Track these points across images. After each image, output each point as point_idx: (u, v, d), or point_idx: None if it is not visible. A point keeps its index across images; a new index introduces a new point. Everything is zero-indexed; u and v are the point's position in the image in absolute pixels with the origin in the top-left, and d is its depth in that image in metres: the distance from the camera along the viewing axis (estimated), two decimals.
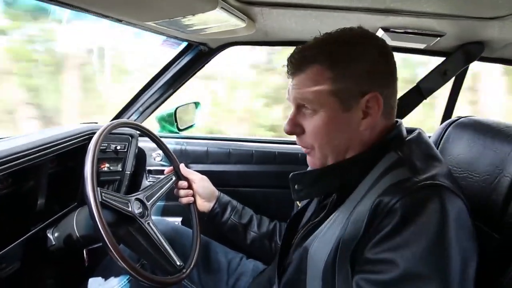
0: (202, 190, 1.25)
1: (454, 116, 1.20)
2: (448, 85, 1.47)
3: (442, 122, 1.19)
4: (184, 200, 1.24)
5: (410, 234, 0.64)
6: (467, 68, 1.42)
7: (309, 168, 0.91)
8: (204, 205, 1.25)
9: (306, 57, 0.78)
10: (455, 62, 1.32)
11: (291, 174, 0.88)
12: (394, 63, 0.81)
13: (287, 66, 0.81)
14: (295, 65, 0.80)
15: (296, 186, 0.86)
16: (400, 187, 0.69)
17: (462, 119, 1.09)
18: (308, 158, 0.87)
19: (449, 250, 0.64)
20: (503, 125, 0.93)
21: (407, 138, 0.81)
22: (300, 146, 0.87)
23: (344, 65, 0.76)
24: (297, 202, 1.13)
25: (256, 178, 1.56)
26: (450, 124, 1.09)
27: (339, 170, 0.82)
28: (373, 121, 0.78)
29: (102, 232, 0.88)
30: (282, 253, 0.99)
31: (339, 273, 0.73)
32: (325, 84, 0.77)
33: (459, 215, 0.68)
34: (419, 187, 0.68)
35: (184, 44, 1.47)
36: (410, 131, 0.85)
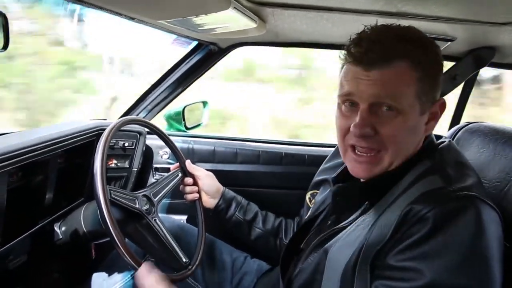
0: (207, 187, 1.25)
1: (463, 121, 1.19)
2: (457, 90, 1.46)
3: (451, 127, 1.19)
4: (190, 197, 1.24)
5: (441, 244, 0.63)
6: (477, 73, 1.42)
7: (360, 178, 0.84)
8: (209, 201, 1.25)
9: (394, 50, 0.71)
10: (465, 67, 1.31)
11: (336, 187, 0.85)
12: None
13: (361, 54, 0.72)
14: (379, 56, 0.70)
15: (337, 199, 0.85)
16: (433, 196, 0.67)
17: (471, 124, 1.08)
18: (365, 166, 0.77)
19: (484, 264, 0.62)
20: None
21: (439, 146, 0.79)
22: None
23: (427, 67, 0.72)
24: (309, 203, 1.13)
25: (262, 178, 1.56)
26: (459, 129, 1.09)
27: (382, 180, 0.77)
28: (433, 127, 0.77)
29: (111, 230, 0.88)
30: (289, 253, 0.99)
31: (358, 277, 0.71)
32: (412, 85, 0.71)
33: (495, 227, 0.66)
34: (453, 197, 0.66)
35: (194, 43, 1.47)
36: (439, 139, 0.83)
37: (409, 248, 0.65)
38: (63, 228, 1.09)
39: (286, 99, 4.65)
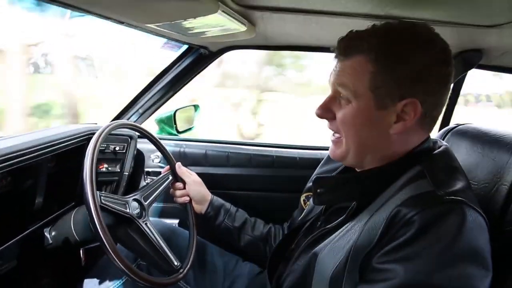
0: (194, 193, 1.24)
1: (452, 123, 1.21)
2: None
3: (440, 129, 1.20)
4: (180, 200, 1.24)
5: (422, 246, 0.63)
6: (465, 75, 1.43)
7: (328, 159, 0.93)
8: (196, 207, 1.25)
9: (354, 44, 0.76)
10: (454, 69, 1.32)
11: (315, 177, 0.87)
12: (450, 72, 0.76)
13: (336, 48, 0.80)
14: (342, 50, 0.78)
15: (318, 190, 0.84)
16: (420, 199, 0.68)
17: (460, 126, 1.09)
18: (331, 146, 0.85)
19: (464, 268, 0.63)
20: (501, 133, 0.93)
21: (433, 152, 0.79)
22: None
23: (389, 63, 0.73)
24: (303, 205, 1.13)
25: (254, 182, 1.56)
26: (448, 131, 1.10)
27: (364, 178, 0.81)
28: (404, 127, 0.75)
29: (102, 236, 0.88)
30: (278, 255, 0.99)
31: (347, 280, 0.71)
32: (364, 77, 0.74)
33: (479, 232, 0.66)
34: (440, 201, 0.67)
35: (185, 47, 1.48)
36: (437, 146, 0.82)
37: (393, 251, 0.65)
38: (53, 233, 1.08)
39: None
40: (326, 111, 0.82)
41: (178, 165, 1.26)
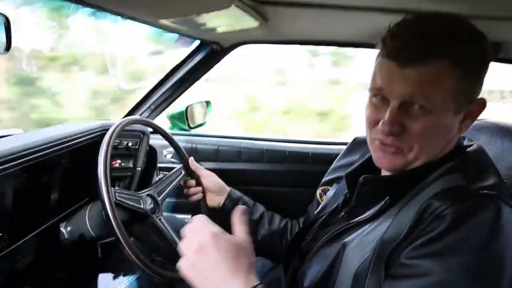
0: (211, 184, 1.24)
1: None
2: None
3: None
4: (194, 198, 1.24)
5: (455, 242, 0.60)
6: None
7: (381, 171, 0.84)
8: (214, 199, 1.24)
9: (433, 47, 0.66)
10: None
11: (363, 177, 0.80)
12: None
13: (397, 49, 0.68)
14: (417, 53, 0.66)
15: (363, 188, 0.80)
16: (452, 193, 0.65)
17: (478, 121, 1.07)
18: (390, 158, 0.75)
19: (498, 266, 0.60)
20: None
21: (467, 150, 0.76)
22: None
23: (468, 66, 0.67)
24: (319, 199, 1.12)
25: (266, 177, 1.55)
26: None
27: (407, 177, 0.75)
28: (468, 126, 0.73)
29: (118, 232, 0.89)
30: (293, 248, 0.98)
31: (371, 275, 0.68)
32: (449, 85, 0.67)
33: None
34: (473, 195, 0.64)
35: (197, 42, 1.47)
36: (470, 143, 0.80)
37: (423, 246, 0.62)
38: (68, 228, 1.10)
39: None
40: (397, 126, 0.70)
41: (191, 159, 1.26)
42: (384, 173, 0.83)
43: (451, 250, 0.60)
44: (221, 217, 1.24)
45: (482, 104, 0.73)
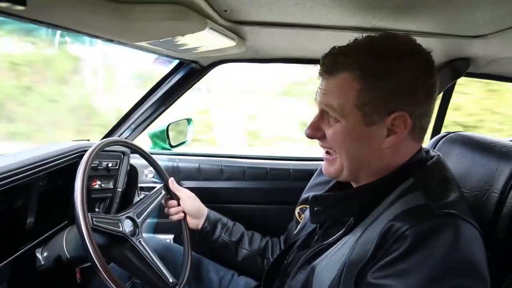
0: (189, 207, 1.23)
1: (443, 131, 1.22)
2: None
3: (432, 137, 1.21)
4: (175, 218, 1.23)
5: (416, 261, 0.63)
6: (455, 83, 1.45)
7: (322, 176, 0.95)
8: (192, 222, 1.24)
9: (338, 61, 0.74)
10: (443, 78, 1.34)
11: (311, 196, 0.85)
12: (434, 82, 0.75)
13: (320, 65, 0.78)
14: (327, 68, 0.76)
15: (315, 208, 0.84)
16: (413, 213, 0.67)
17: (450, 134, 1.10)
18: (324, 164, 0.84)
19: (460, 282, 0.62)
20: (490, 141, 0.94)
21: (426, 163, 0.79)
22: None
23: (375, 78, 0.72)
24: (298, 218, 1.12)
25: (248, 194, 1.55)
26: (439, 139, 1.10)
27: (360, 194, 0.80)
28: (396, 141, 0.74)
29: (94, 257, 0.87)
30: (274, 269, 0.98)
31: None
32: (351, 95, 0.73)
33: (475, 245, 0.66)
34: (433, 215, 0.66)
35: (176, 62, 1.48)
36: (430, 156, 0.82)
37: (387, 266, 0.65)
38: (45, 254, 1.07)
39: None
40: (316, 131, 0.81)
41: (171, 180, 1.25)
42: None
43: (413, 269, 0.62)
44: (200, 239, 1.23)
45: (402, 117, 0.73)
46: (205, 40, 0.99)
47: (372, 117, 0.74)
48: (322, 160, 0.85)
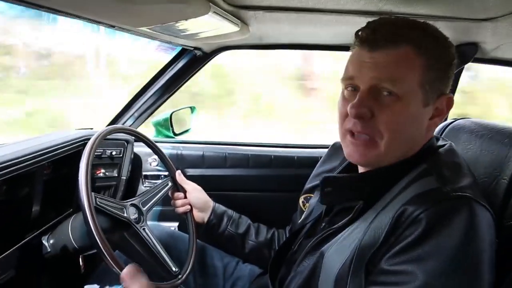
0: (195, 200, 1.22)
1: (450, 118, 1.20)
2: None
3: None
4: (181, 210, 1.22)
5: (433, 246, 0.61)
6: (462, 69, 1.43)
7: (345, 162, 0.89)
8: (198, 215, 1.23)
9: (403, 33, 0.69)
10: None
11: (324, 176, 0.81)
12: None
13: (370, 35, 0.70)
14: (386, 37, 0.69)
15: (325, 189, 0.81)
16: (426, 197, 0.66)
17: (458, 120, 1.09)
18: (360, 149, 0.75)
19: (476, 265, 0.62)
20: (500, 127, 0.93)
21: (439, 150, 0.77)
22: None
23: (435, 57, 0.70)
24: (302, 207, 1.12)
25: (252, 182, 1.55)
26: (446, 126, 1.09)
27: (372, 178, 0.77)
28: (437, 125, 0.75)
29: (97, 238, 0.87)
30: (280, 257, 0.98)
31: (351, 281, 0.69)
32: (415, 71, 0.69)
33: (488, 229, 0.65)
34: (447, 198, 0.65)
35: (179, 49, 1.47)
36: (442, 143, 0.81)
37: (403, 251, 0.64)
38: (51, 241, 1.07)
39: None
40: (366, 109, 0.71)
41: (178, 172, 1.24)
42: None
43: (429, 254, 0.61)
44: (206, 232, 1.23)
45: (450, 100, 0.75)
46: (207, 25, 0.97)
47: (429, 97, 0.72)
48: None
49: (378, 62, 0.70)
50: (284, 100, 4.53)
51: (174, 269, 1.04)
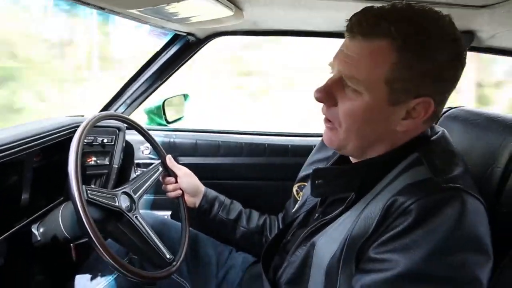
0: (186, 185, 1.22)
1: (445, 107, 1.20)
2: None
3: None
4: (172, 194, 1.22)
5: (420, 235, 0.61)
6: None
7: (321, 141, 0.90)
8: (190, 200, 1.22)
9: (379, 25, 0.65)
10: None
11: (314, 169, 0.81)
12: (462, 72, 0.71)
13: (352, 23, 0.68)
14: (364, 29, 0.67)
15: (316, 181, 0.80)
16: (417, 187, 0.66)
17: (453, 109, 1.09)
18: (326, 132, 0.77)
19: (465, 256, 0.61)
20: (494, 116, 0.92)
21: (431, 138, 0.76)
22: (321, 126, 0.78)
23: (414, 54, 0.66)
24: (296, 195, 1.11)
25: (246, 171, 1.54)
26: (441, 114, 1.09)
27: (362, 169, 0.77)
28: (413, 126, 0.71)
29: (90, 231, 0.86)
30: (273, 247, 0.98)
31: (342, 271, 0.70)
32: (383, 67, 0.66)
33: (479, 219, 0.65)
34: (438, 189, 0.64)
35: (171, 34, 1.44)
36: (434, 131, 0.79)
37: (391, 240, 0.64)
38: (41, 230, 1.06)
39: None
40: (328, 97, 0.73)
41: (169, 157, 1.23)
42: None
43: (417, 244, 0.61)
44: (197, 217, 1.23)
45: (426, 104, 0.69)
46: (200, 9, 0.95)
47: (398, 96, 0.68)
48: (321, 136, 0.83)
49: (349, 55, 0.69)
50: None
51: (168, 256, 1.03)
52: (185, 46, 1.46)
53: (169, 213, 1.53)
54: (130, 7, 0.89)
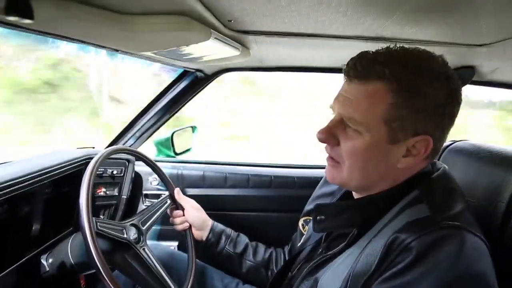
0: (193, 218, 1.23)
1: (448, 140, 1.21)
2: None
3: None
4: (180, 227, 1.23)
5: (421, 272, 0.62)
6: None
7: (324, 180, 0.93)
8: (197, 234, 1.24)
9: (374, 69, 0.69)
10: None
11: (316, 204, 0.83)
12: (459, 109, 0.73)
13: (349, 68, 0.72)
14: (360, 73, 0.70)
15: (318, 217, 0.82)
16: (417, 225, 0.66)
17: (457, 143, 1.10)
18: (329, 169, 0.80)
19: None
20: (497, 149, 0.93)
21: (432, 176, 0.77)
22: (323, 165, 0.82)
23: (410, 94, 0.68)
24: (302, 229, 1.11)
25: (252, 202, 1.55)
26: (444, 148, 1.10)
27: (364, 205, 0.78)
28: (413, 163, 0.73)
29: (98, 263, 0.87)
30: (279, 280, 0.98)
31: None
32: (381, 108, 0.69)
33: (480, 256, 0.65)
34: (438, 227, 0.65)
35: (181, 70, 1.49)
36: (436, 168, 0.80)
37: (392, 277, 0.64)
38: (50, 260, 1.07)
39: None
40: (330, 137, 0.76)
41: (177, 190, 1.25)
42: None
43: (418, 281, 0.62)
44: (204, 250, 1.23)
45: (425, 142, 0.71)
46: (209, 50, 0.99)
47: (397, 134, 0.71)
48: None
49: (348, 97, 0.72)
50: None
51: None
52: (193, 81, 1.51)
53: (176, 243, 1.54)
54: (143, 50, 0.94)
